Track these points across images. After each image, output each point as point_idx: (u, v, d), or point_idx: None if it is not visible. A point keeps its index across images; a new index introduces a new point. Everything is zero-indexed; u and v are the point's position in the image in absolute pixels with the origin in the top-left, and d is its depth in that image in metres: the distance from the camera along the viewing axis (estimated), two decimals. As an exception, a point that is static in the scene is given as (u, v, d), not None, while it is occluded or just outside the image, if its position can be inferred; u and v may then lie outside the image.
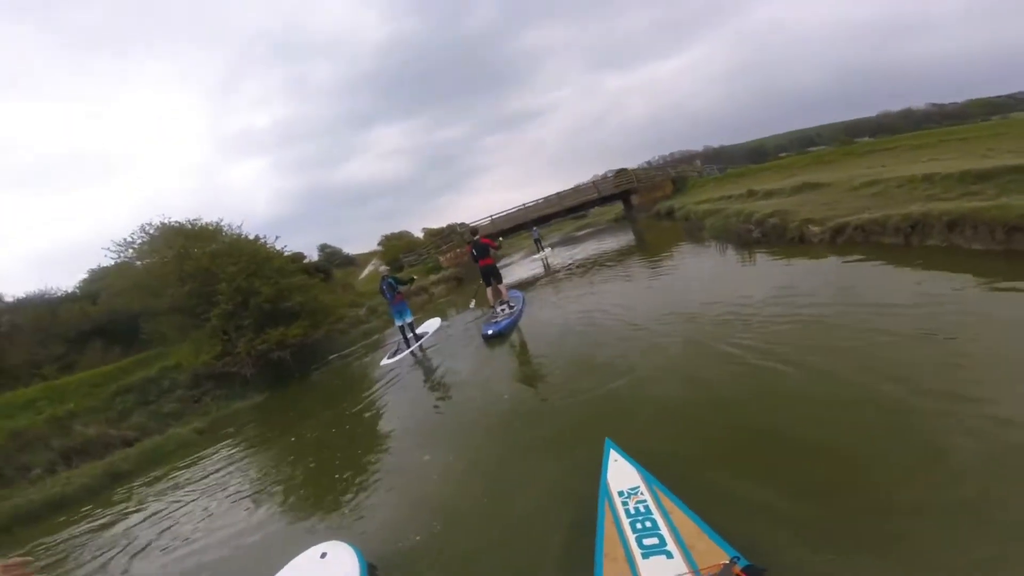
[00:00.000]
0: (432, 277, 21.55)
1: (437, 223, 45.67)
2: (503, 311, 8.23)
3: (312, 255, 31.33)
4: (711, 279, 7.30)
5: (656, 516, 2.24)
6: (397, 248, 32.71)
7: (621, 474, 2.65)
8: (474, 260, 8.65)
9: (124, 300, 14.93)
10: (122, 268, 14.10)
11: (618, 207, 31.46)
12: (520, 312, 8.35)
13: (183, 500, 5.64)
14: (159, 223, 13.45)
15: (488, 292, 8.64)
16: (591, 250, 17.11)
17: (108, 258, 13.63)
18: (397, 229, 45.77)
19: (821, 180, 10.72)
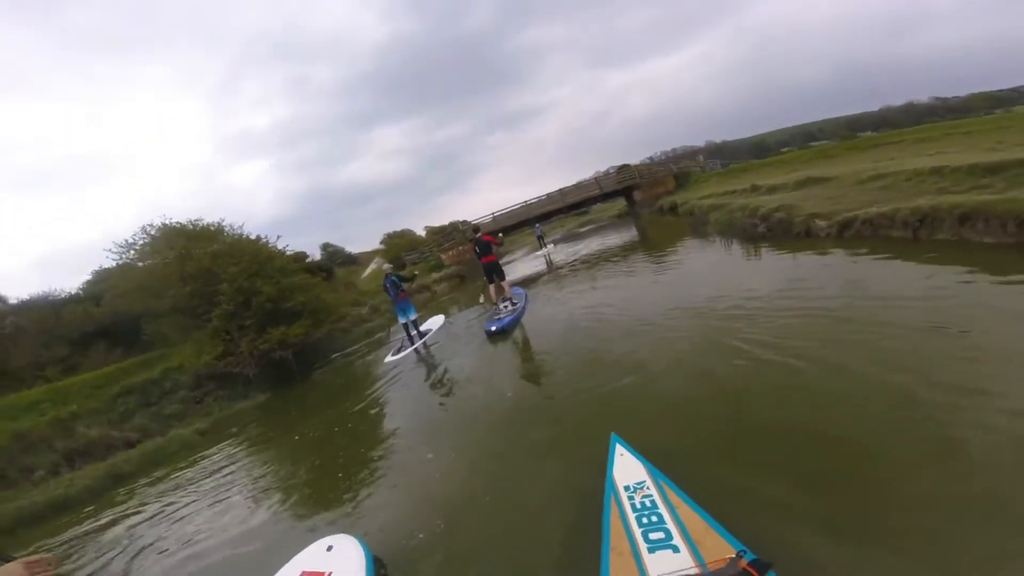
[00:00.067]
0: (434, 275, 21.52)
1: (439, 221, 45.83)
2: (506, 308, 8.25)
3: (315, 254, 31.42)
4: (717, 274, 7.20)
5: (662, 510, 2.23)
6: (399, 246, 32.66)
7: (627, 469, 2.63)
8: (477, 257, 8.72)
9: (126, 301, 14.95)
10: (124, 269, 14.09)
11: (620, 203, 31.42)
12: (523, 309, 8.36)
13: (186, 500, 5.60)
14: (160, 224, 13.48)
15: (491, 289, 8.70)
16: (594, 246, 17.02)
17: (110, 259, 13.66)
18: (399, 228, 45.85)
19: (825, 174, 10.64)
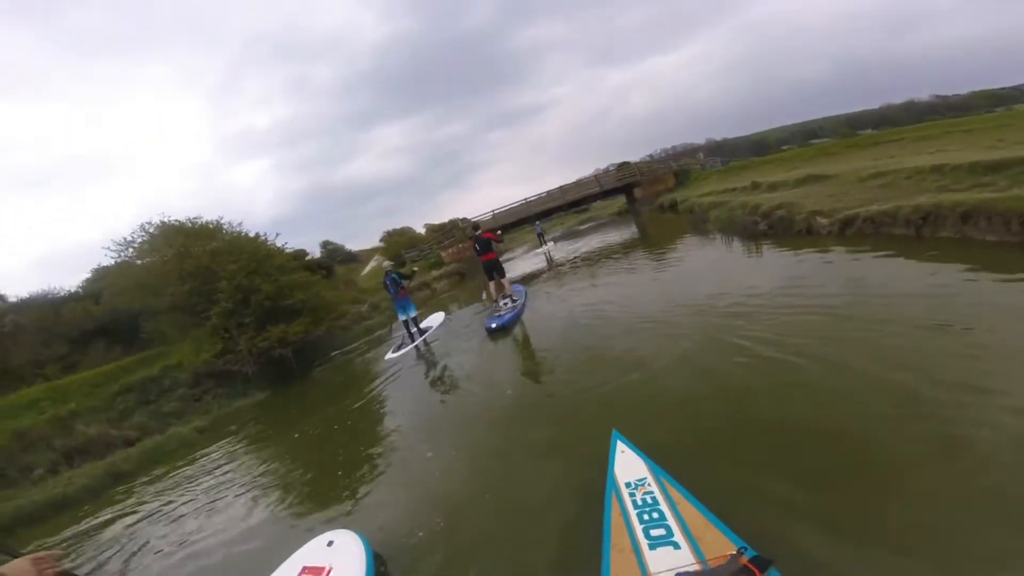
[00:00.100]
0: (434, 273, 21.48)
1: (439, 219, 45.77)
2: (506, 305, 8.28)
3: (315, 252, 31.40)
4: (717, 272, 7.18)
5: (663, 507, 2.23)
6: (399, 244, 32.62)
7: (628, 465, 2.63)
8: (477, 255, 8.75)
9: (125, 299, 14.92)
10: (123, 267, 14.05)
11: (620, 201, 31.40)
12: (523, 306, 8.37)
13: (185, 498, 5.58)
14: (159, 222, 13.44)
15: (491, 286, 8.74)
16: (594, 244, 16.97)
17: (108, 257, 13.61)
18: (399, 225, 45.91)
19: (826, 172, 10.60)
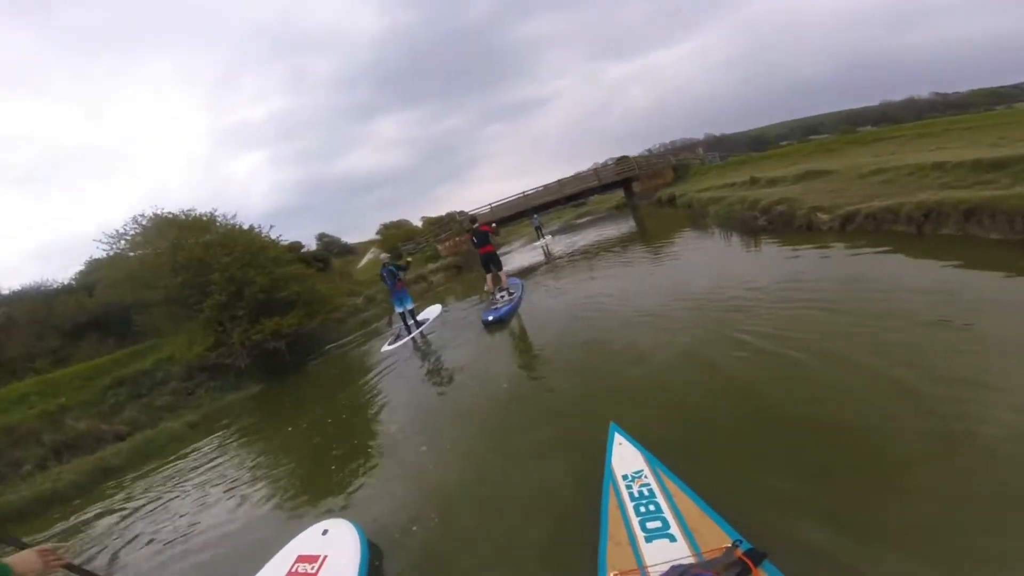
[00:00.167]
0: (431, 265, 21.37)
1: (437, 212, 45.57)
2: (503, 298, 8.29)
3: (311, 245, 31.22)
4: (716, 266, 7.11)
5: (660, 499, 2.23)
6: (396, 237, 32.51)
7: (625, 457, 2.62)
8: (475, 248, 8.78)
9: (118, 292, 14.75)
10: (115, 260, 13.88)
11: (618, 195, 31.20)
12: (520, 299, 8.37)
13: (176, 493, 5.50)
14: (152, 214, 13.26)
15: (488, 279, 8.74)
16: (592, 238, 16.91)
17: (100, 250, 13.43)
18: (396, 218, 45.76)
19: (826, 168, 10.51)
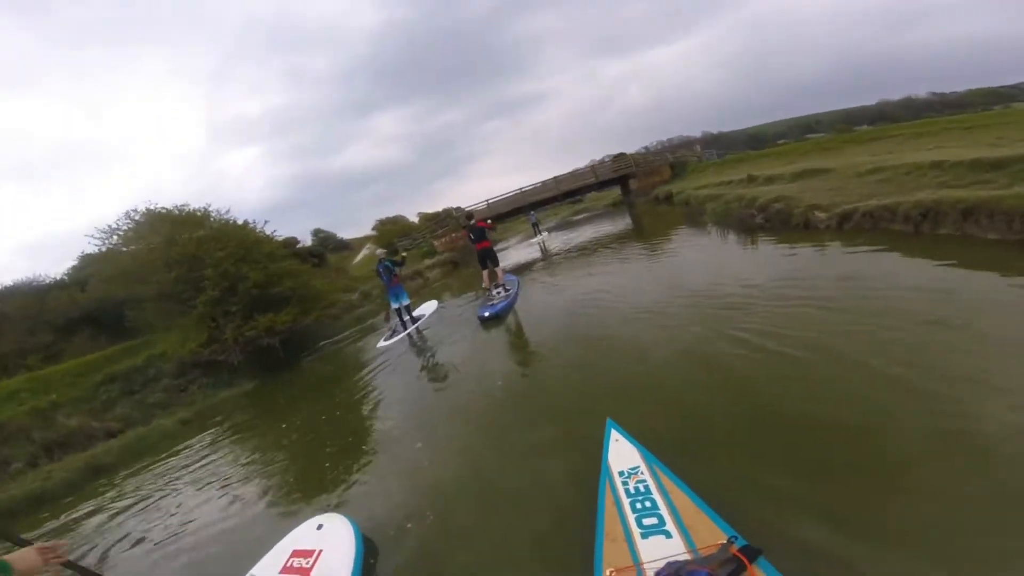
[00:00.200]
0: (427, 261, 21.27)
1: (433, 208, 45.42)
2: (499, 294, 8.30)
3: (307, 240, 31.05)
4: (713, 264, 7.09)
5: (656, 496, 2.23)
6: (391, 232, 32.30)
7: (622, 454, 2.62)
8: (472, 244, 8.81)
9: (111, 287, 14.61)
10: (108, 255, 13.74)
11: (615, 192, 31.15)
12: (516, 295, 8.38)
13: (168, 491, 5.45)
14: (145, 209, 13.12)
15: (484, 275, 8.75)
16: (588, 235, 16.86)
17: (92, 245, 13.29)
18: (393, 214, 45.58)
19: (823, 166, 10.48)
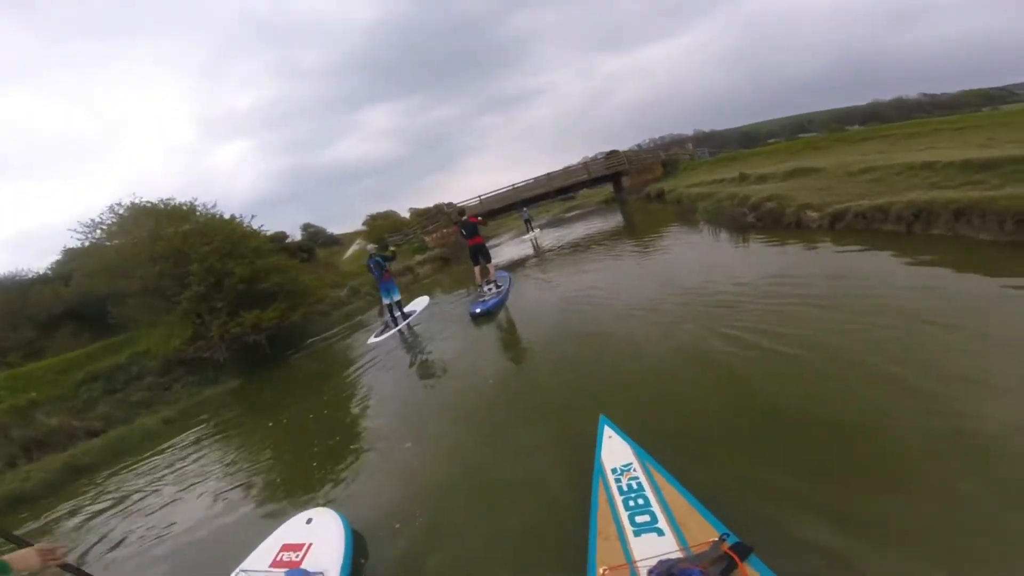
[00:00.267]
0: (418, 257, 21.09)
1: (426, 203, 45.05)
2: (491, 290, 8.25)
3: (296, 235, 30.67)
4: (705, 262, 7.08)
5: (648, 493, 2.22)
6: (382, 228, 31.96)
7: (615, 451, 2.60)
8: (464, 240, 8.76)
9: (95, 282, 14.29)
10: (91, 249, 13.43)
11: (607, 189, 31.15)
12: (507, 291, 8.35)
13: (152, 491, 5.34)
14: (130, 203, 12.85)
15: (476, 271, 8.71)
16: (581, 232, 16.88)
17: (75, 239, 12.99)
18: (384, 208, 45.18)
19: (815, 166, 10.52)
